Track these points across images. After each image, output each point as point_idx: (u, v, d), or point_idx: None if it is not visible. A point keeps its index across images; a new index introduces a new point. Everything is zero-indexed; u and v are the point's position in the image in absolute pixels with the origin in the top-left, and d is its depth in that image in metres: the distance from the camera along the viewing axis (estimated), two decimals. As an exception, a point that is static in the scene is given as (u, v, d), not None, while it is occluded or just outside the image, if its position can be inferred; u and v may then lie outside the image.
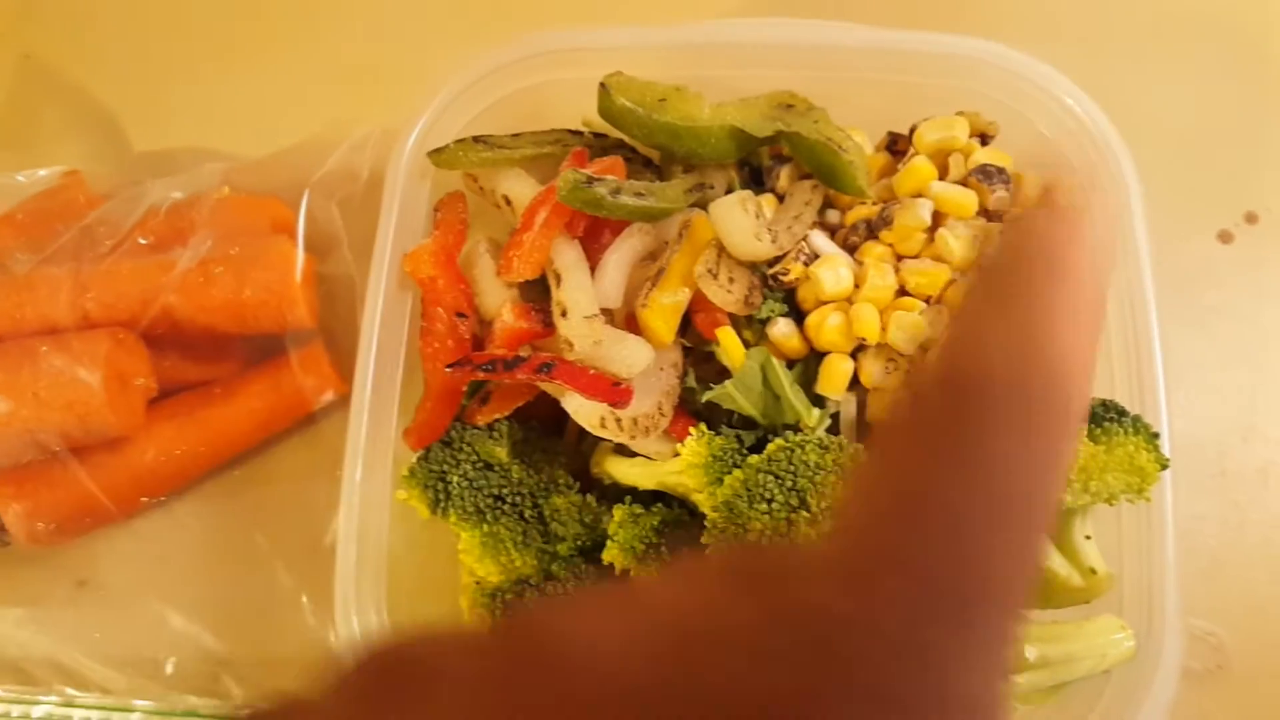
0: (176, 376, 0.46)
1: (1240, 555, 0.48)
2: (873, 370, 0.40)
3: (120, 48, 0.56)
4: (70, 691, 0.43)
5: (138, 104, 0.54)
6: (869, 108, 0.46)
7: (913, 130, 0.44)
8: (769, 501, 0.35)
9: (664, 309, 0.40)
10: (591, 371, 0.39)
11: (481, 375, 0.39)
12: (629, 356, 0.39)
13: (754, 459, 0.37)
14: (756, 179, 0.46)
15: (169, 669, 0.43)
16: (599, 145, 0.45)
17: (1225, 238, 0.51)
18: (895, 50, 0.44)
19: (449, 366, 0.39)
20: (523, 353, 0.40)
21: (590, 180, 0.40)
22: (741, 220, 0.40)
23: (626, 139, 0.45)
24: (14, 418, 0.40)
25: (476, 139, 0.43)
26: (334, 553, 0.39)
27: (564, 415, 0.42)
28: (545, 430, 0.44)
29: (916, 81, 0.45)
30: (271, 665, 0.43)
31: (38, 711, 0.43)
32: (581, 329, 0.40)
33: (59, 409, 0.41)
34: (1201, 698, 0.46)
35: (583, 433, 0.42)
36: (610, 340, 0.39)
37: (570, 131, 0.45)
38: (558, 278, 0.41)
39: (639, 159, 0.45)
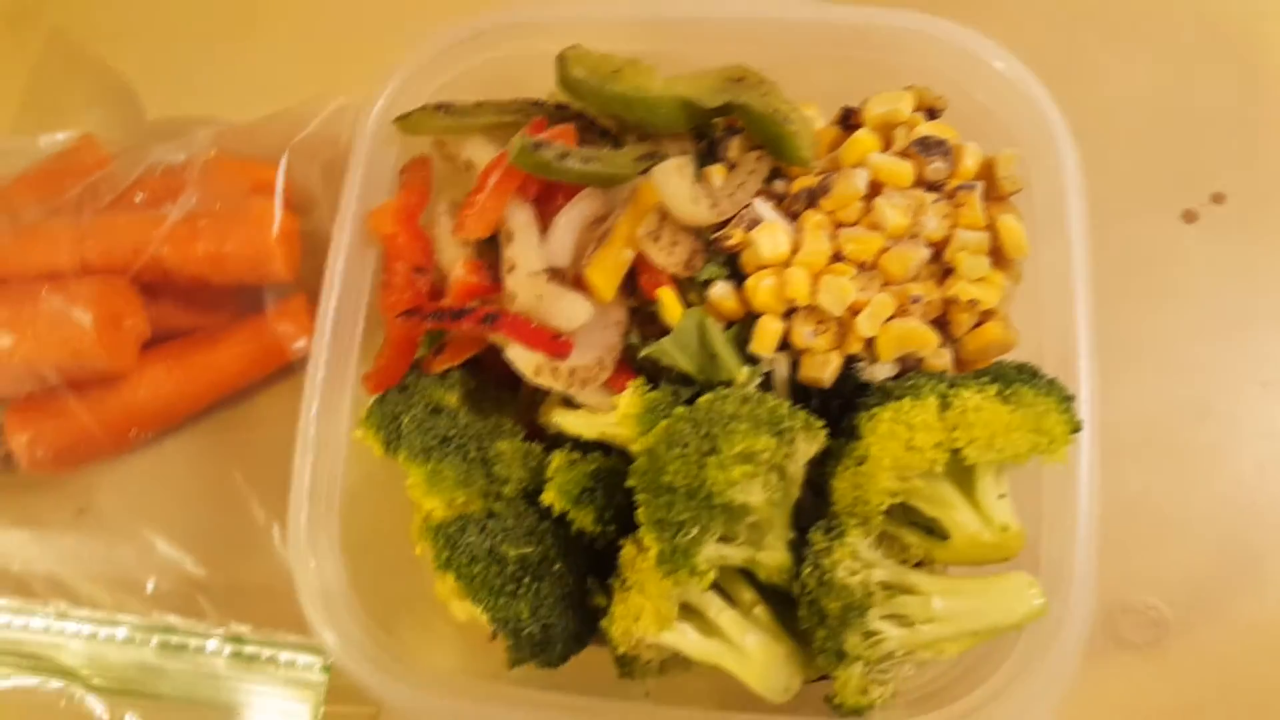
0: (170, 323, 0.49)
1: (1185, 531, 0.48)
2: (802, 331, 0.41)
3: (139, 24, 0.60)
4: (64, 606, 0.47)
5: (152, 75, 0.58)
6: (828, 82, 0.47)
7: (861, 105, 0.45)
8: (683, 446, 0.37)
9: (606, 268, 0.42)
10: (534, 325, 0.42)
11: (430, 324, 0.42)
12: (569, 311, 0.42)
13: (680, 410, 0.39)
14: (712, 150, 0.48)
15: (151, 589, 0.47)
16: (560, 115, 0.47)
17: (1189, 217, 0.51)
18: (847, 25, 0.46)
19: (400, 314, 0.42)
20: (471, 305, 0.42)
21: (538, 145, 0.42)
22: (679, 185, 0.42)
23: (586, 110, 0.48)
24: (15, 352, 0.44)
25: (439, 106, 0.46)
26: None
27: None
28: (499, 383, 0.47)
29: (872, 57, 0.46)
30: (243, 590, 0.47)
31: (36, 623, 0.48)
32: (525, 284, 0.42)
33: (55, 345, 0.45)
34: (1140, 669, 0.47)
35: (536, 386, 0.45)
36: (552, 296, 0.42)
37: (533, 102, 0.47)
38: (509, 237, 0.44)
39: (597, 129, 0.48)
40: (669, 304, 0.42)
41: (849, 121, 0.46)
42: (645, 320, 0.45)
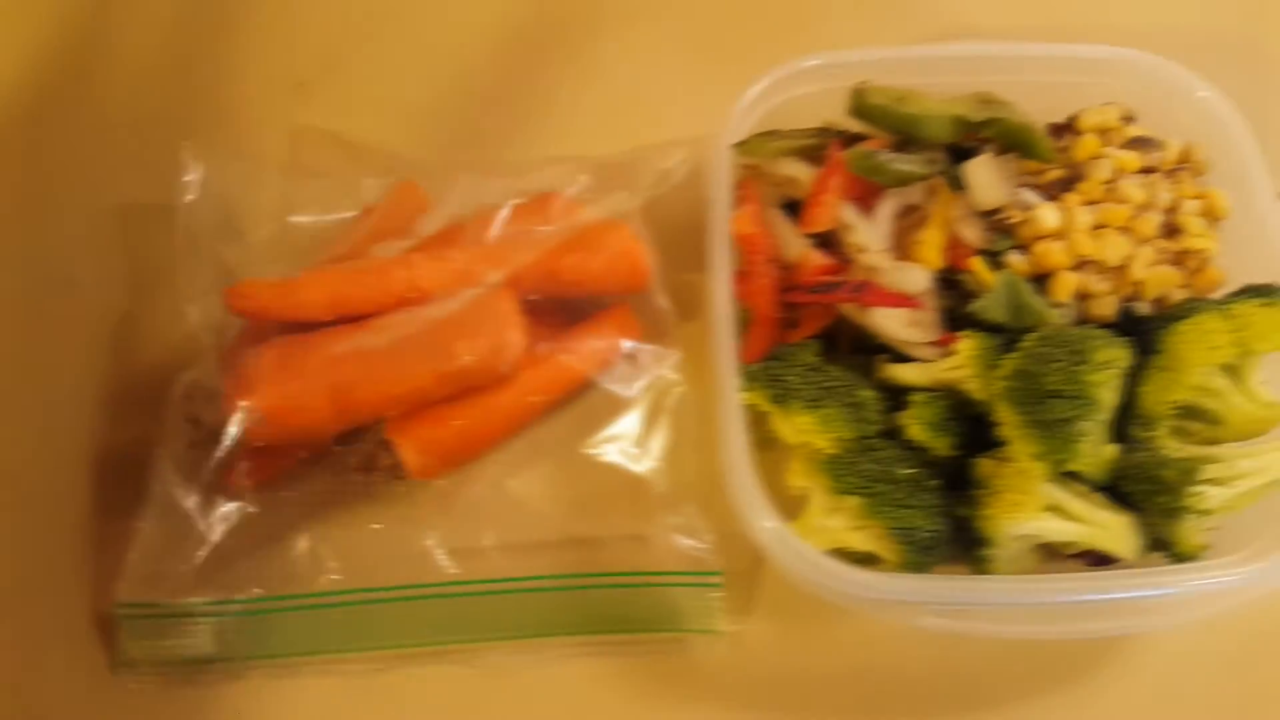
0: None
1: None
2: (1090, 278, 0.54)
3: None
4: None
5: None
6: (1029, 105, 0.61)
7: (1072, 118, 0.59)
8: (1056, 361, 0.48)
9: (932, 244, 0.54)
10: (891, 290, 0.52)
11: (812, 296, 0.52)
12: (914, 278, 0.53)
13: (1030, 338, 0.50)
14: (957, 157, 0.60)
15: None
16: (846, 137, 0.59)
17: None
18: (1053, 58, 0.60)
19: (788, 290, 0.52)
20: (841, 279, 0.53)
21: (873, 153, 0.54)
22: (988, 176, 0.54)
23: (861, 132, 0.59)
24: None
25: (768, 133, 0.57)
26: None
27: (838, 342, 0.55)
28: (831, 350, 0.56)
29: (1070, 82, 0.60)
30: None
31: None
32: (879, 260, 0.53)
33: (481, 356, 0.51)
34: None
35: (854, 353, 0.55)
36: (901, 267, 0.53)
37: (825, 128, 0.59)
38: (848, 228, 0.54)
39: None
40: (980, 270, 0.54)
41: (1063, 131, 0.60)
42: (945, 285, 0.56)
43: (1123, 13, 0.72)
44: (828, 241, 0.55)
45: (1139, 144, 0.57)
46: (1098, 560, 0.52)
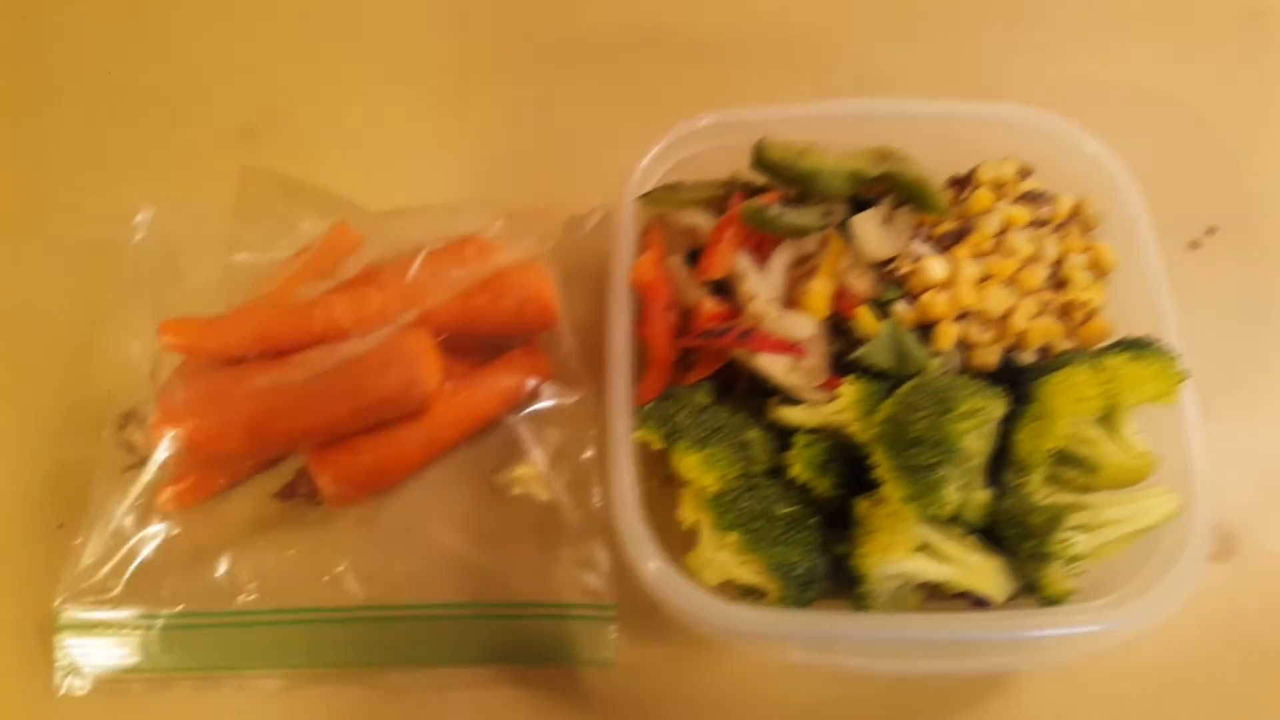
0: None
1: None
2: (972, 329, 0.56)
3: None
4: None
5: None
6: (932, 157, 0.64)
7: (971, 171, 0.62)
8: (924, 409, 0.50)
9: (820, 294, 0.56)
10: (775, 337, 0.55)
11: (701, 341, 0.55)
12: (799, 326, 0.55)
13: (906, 386, 0.52)
14: (858, 209, 0.63)
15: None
16: (750, 190, 0.62)
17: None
18: (950, 115, 0.63)
19: (680, 336, 0.54)
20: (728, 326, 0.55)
21: (764, 207, 0.56)
22: (873, 229, 0.57)
23: (766, 184, 0.62)
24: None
25: (670, 186, 0.60)
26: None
27: (736, 384, 0.57)
28: (726, 392, 0.59)
29: (968, 137, 0.63)
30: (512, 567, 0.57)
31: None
32: (766, 309, 0.55)
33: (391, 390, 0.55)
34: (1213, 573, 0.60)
35: (750, 395, 0.58)
36: (786, 316, 0.55)
37: (729, 180, 0.62)
38: (741, 276, 0.57)
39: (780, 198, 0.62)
40: (866, 319, 0.56)
41: (964, 183, 0.63)
42: (835, 333, 0.59)
43: (1029, 67, 0.74)
44: (725, 289, 0.58)
45: (1031, 198, 0.59)
46: (979, 602, 0.54)
